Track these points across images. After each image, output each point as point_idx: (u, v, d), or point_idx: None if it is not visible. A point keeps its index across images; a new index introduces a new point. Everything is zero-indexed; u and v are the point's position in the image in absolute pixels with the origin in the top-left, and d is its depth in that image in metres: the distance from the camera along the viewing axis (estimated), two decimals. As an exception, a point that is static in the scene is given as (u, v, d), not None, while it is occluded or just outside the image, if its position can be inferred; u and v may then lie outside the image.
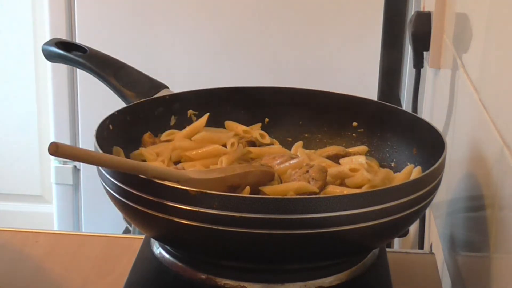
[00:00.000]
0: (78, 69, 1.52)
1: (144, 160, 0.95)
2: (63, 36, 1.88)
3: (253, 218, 0.75)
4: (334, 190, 0.88)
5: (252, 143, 1.01)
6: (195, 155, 0.96)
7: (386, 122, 1.01)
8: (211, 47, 1.96)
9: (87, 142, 1.90)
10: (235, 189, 0.86)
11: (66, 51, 1.07)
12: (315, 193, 0.87)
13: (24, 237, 1.08)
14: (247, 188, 0.86)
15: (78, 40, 1.89)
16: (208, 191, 0.76)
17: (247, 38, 1.97)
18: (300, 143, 1.05)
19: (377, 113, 1.02)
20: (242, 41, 1.96)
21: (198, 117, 1.03)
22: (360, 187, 0.90)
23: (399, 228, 0.85)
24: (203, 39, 1.95)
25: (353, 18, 1.96)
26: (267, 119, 1.06)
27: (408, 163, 0.97)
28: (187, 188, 0.76)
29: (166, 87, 1.04)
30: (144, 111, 1.01)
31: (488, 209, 0.82)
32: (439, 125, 1.08)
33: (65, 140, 2.00)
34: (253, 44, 1.97)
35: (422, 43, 1.24)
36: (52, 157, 2.02)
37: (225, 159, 0.94)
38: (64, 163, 2.08)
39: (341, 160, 0.97)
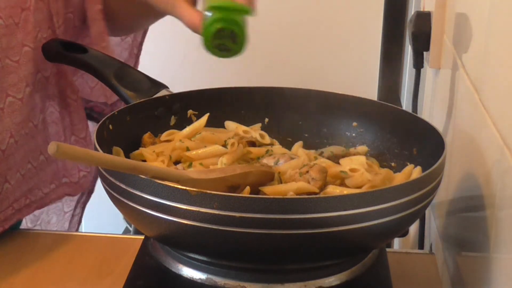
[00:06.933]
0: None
1: (144, 160, 0.95)
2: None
3: (253, 218, 0.75)
4: (334, 190, 0.88)
5: (252, 143, 1.01)
6: (195, 155, 0.96)
7: (386, 122, 1.02)
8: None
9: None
10: (235, 189, 0.86)
11: (66, 51, 1.07)
12: (315, 193, 0.87)
13: (25, 237, 1.08)
14: (247, 188, 0.86)
15: (78, 40, 1.88)
16: (208, 191, 0.76)
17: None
18: (300, 143, 1.05)
19: (377, 113, 1.02)
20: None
21: (198, 117, 1.03)
22: (360, 187, 0.90)
23: (399, 228, 0.85)
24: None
25: (353, 18, 1.96)
26: (267, 119, 1.06)
27: (408, 163, 0.97)
28: (187, 188, 0.76)
29: (166, 87, 1.04)
30: (144, 111, 1.01)
31: (488, 209, 0.82)
32: (439, 125, 1.08)
33: (65, 140, 2.00)
34: (253, 44, 1.97)
35: (422, 43, 1.24)
36: (52, 157, 2.01)
37: (225, 159, 0.94)
38: (64, 163, 2.08)
39: (341, 160, 0.97)
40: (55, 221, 1.28)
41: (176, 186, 0.77)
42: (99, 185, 0.86)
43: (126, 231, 2.15)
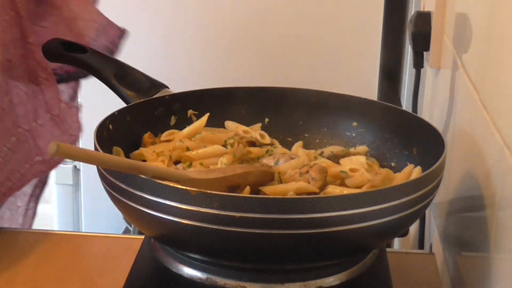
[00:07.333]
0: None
1: (144, 160, 0.95)
2: (63, 36, 1.88)
3: (253, 218, 0.75)
4: (334, 190, 0.88)
5: (252, 143, 1.01)
6: (195, 155, 0.96)
7: (386, 122, 1.01)
8: (211, 47, 1.96)
9: (87, 142, 1.90)
10: (235, 189, 0.86)
11: (66, 51, 1.07)
12: (315, 193, 0.87)
13: (24, 237, 1.08)
14: (247, 188, 0.86)
15: (78, 40, 1.88)
16: (208, 191, 0.76)
17: (247, 38, 1.97)
18: (300, 143, 1.05)
19: (377, 113, 1.02)
20: (242, 41, 1.96)
21: (198, 117, 1.03)
22: (360, 187, 0.90)
23: (399, 228, 0.85)
24: (203, 39, 1.95)
25: (353, 18, 1.96)
26: (267, 119, 1.06)
27: (408, 163, 0.97)
28: (187, 188, 0.76)
29: (166, 87, 1.04)
30: (144, 111, 1.01)
31: (488, 209, 0.82)
32: (439, 125, 1.08)
33: (65, 140, 2.00)
34: (253, 44, 1.97)
35: (422, 43, 1.24)
36: (52, 157, 2.01)
37: (225, 159, 0.94)
38: (64, 163, 2.08)
39: (341, 160, 0.97)
40: (8, 216, 1.26)
41: (176, 186, 0.77)
42: (99, 185, 0.86)
43: (126, 231, 2.15)
